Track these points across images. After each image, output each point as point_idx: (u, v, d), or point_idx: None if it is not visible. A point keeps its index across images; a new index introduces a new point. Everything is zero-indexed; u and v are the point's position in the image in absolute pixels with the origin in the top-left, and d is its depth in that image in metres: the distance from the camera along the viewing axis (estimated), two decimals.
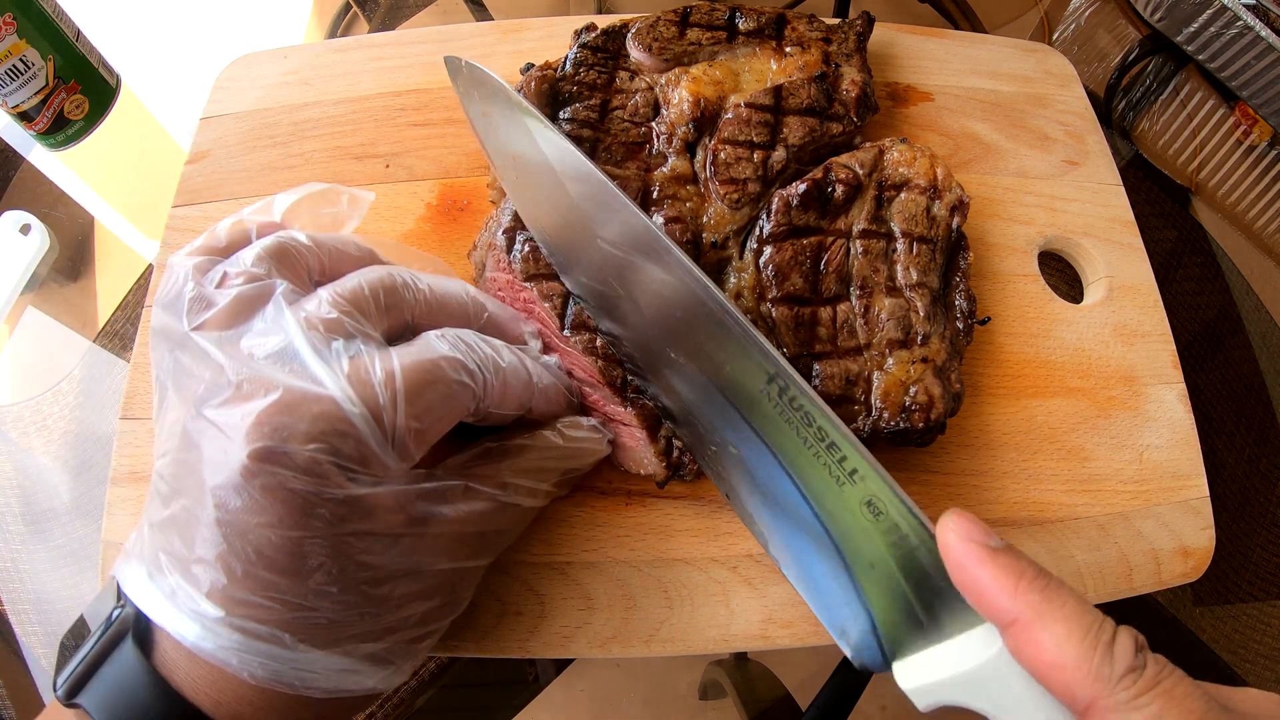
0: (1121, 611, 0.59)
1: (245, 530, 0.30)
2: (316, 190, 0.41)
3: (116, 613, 0.33)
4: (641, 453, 0.44)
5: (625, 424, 0.43)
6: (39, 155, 0.71)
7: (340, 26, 0.84)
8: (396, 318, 0.36)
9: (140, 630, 0.32)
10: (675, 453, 0.43)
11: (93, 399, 0.63)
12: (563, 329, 0.45)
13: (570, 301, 0.45)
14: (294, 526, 0.30)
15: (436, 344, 0.34)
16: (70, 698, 0.32)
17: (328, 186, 0.42)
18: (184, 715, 0.31)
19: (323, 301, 0.33)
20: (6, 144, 0.72)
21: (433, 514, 0.34)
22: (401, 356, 0.33)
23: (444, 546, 0.35)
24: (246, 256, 0.34)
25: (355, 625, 0.33)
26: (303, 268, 0.36)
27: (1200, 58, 0.78)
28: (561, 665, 0.63)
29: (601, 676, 0.65)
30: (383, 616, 0.33)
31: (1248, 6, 0.71)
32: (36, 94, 0.63)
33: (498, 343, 0.38)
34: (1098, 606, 0.48)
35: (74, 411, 0.62)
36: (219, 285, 0.33)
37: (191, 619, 0.31)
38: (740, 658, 0.66)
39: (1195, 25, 0.76)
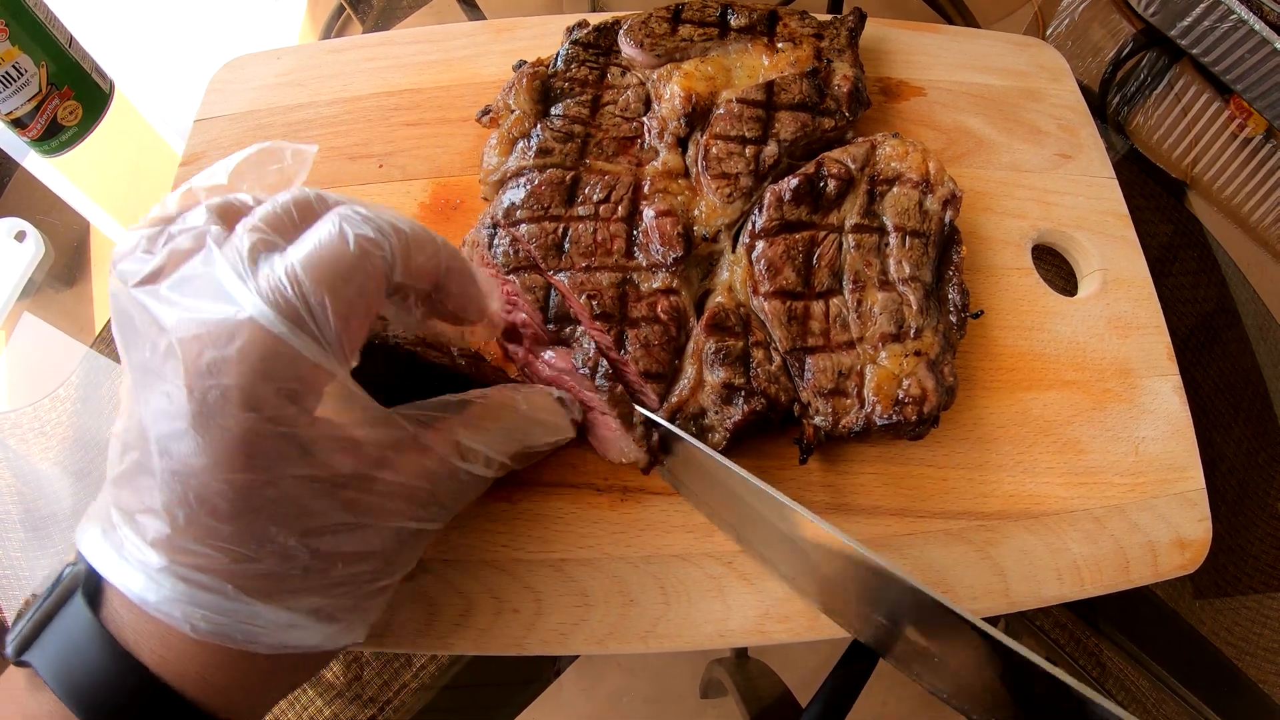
0: (1122, 605, 0.60)
1: (187, 476, 0.29)
2: (260, 149, 0.40)
3: (67, 570, 0.33)
4: (619, 441, 0.44)
5: (601, 411, 0.43)
6: (33, 162, 0.71)
7: (334, 28, 0.84)
8: None
9: (90, 587, 0.32)
10: (655, 437, 0.43)
11: (91, 404, 0.63)
12: (546, 322, 0.45)
13: (552, 293, 0.45)
14: (234, 469, 0.29)
15: (329, 221, 0.32)
16: (19, 655, 0.32)
17: (270, 144, 0.41)
18: (130, 671, 0.31)
19: (242, 228, 0.32)
20: (1, 151, 0.72)
21: (380, 461, 0.33)
22: (298, 249, 0.31)
23: (389, 502, 0.34)
24: (191, 218, 0.33)
25: (299, 579, 0.32)
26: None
27: (1194, 52, 0.78)
28: (567, 663, 0.63)
29: (602, 675, 0.65)
30: (327, 571, 0.33)
31: (1241, 0, 0.72)
32: (30, 100, 0.63)
33: (389, 210, 0.35)
34: (1095, 600, 0.48)
35: (72, 417, 0.62)
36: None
37: (138, 570, 0.30)
38: (740, 655, 0.66)
39: (1189, 19, 0.76)
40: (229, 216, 0.34)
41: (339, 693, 0.58)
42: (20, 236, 0.67)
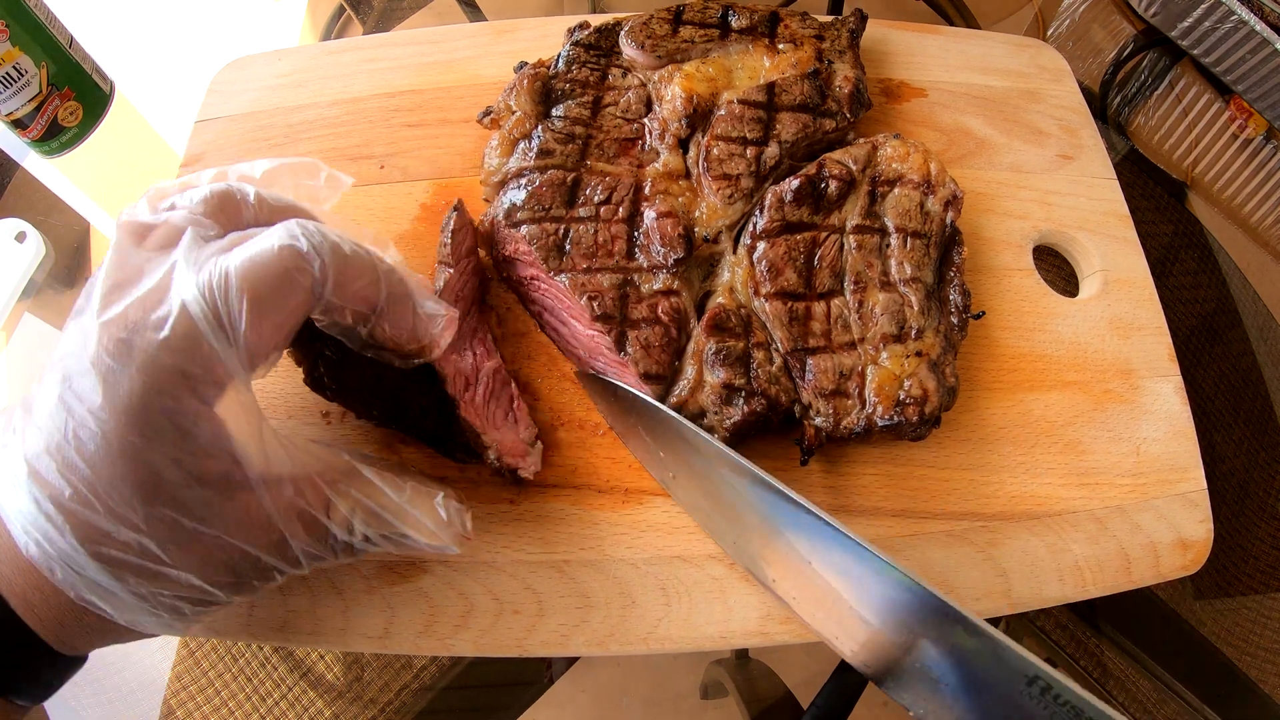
0: (1123, 606, 0.60)
1: (74, 407, 0.31)
2: (301, 162, 0.42)
3: None
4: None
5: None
6: (34, 162, 0.71)
7: (334, 29, 0.84)
8: None
9: None
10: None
11: None
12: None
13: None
14: (114, 420, 0.31)
15: (273, 234, 0.34)
16: None
17: (312, 161, 0.43)
18: None
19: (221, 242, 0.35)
20: (1, 151, 0.72)
21: (245, 480, 0.34)
22: (236, 254, 0.33)
23: (242, 524, 0.34)
24: (195, 194, 0.36)
25: (133, 553, 0.33)
26: (238, 216, 0.37)
27: (1195, 52, 0.78)
28: (566, 665, 0.62)
29: (603, 676, 0.65)
30: (160, 562, 0.33)
31: (1242, 0, 0.72)
32: (30, 101, 0.63)
33: (343, 233, 0.37)
34: (1097, 600, 0.48)
35: None
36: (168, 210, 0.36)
37: (3, 471, 0.32)
38: (741, 656, 0.66)
39: (1190, 20, 0.76)
40: (225, 206, 0.36)
41: (339, 694, 0.58)
42: (21, 237, 0.67)
